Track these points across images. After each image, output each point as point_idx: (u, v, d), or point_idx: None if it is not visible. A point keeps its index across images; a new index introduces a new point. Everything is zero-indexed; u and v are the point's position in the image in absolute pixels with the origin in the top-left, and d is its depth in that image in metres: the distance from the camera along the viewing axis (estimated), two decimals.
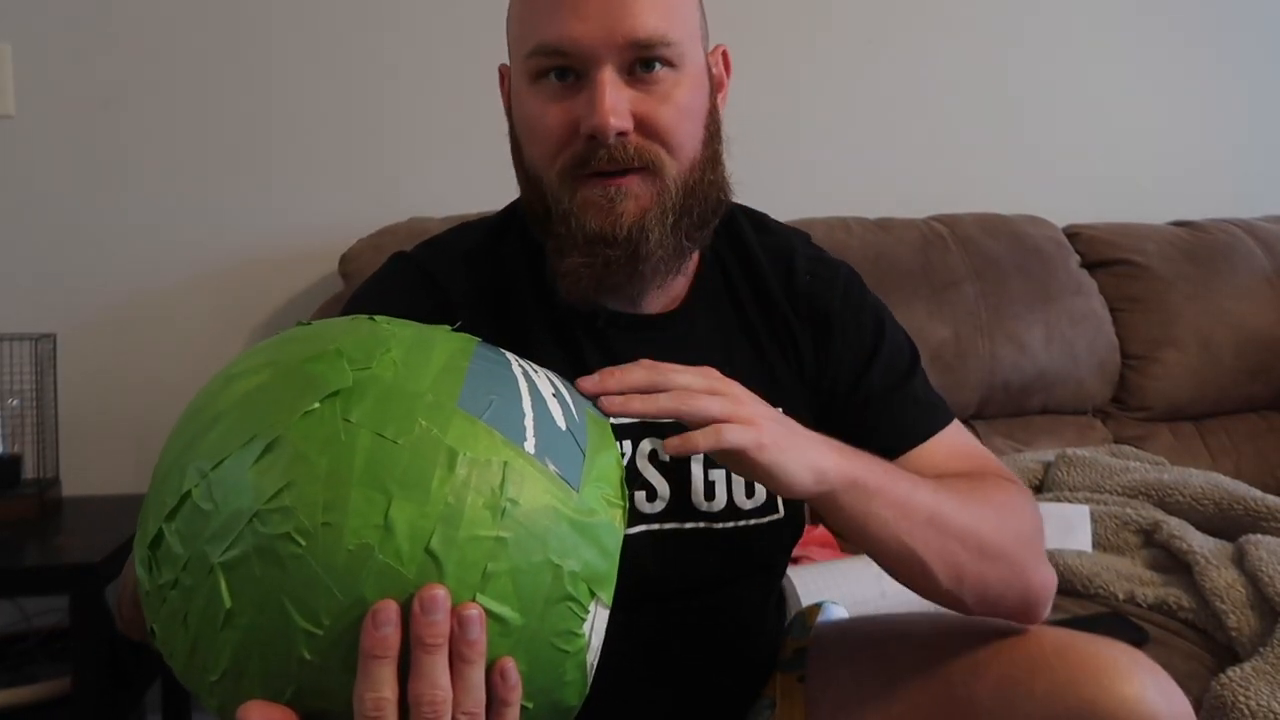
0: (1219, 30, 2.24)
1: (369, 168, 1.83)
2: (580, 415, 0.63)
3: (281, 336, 0.63)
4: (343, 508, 0.53)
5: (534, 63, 0.77)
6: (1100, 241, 1.97)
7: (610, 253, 0.76)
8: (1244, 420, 1.94)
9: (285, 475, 0.54)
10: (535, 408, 0.60)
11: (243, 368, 0.61)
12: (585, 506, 0.58)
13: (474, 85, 1.85)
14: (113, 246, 1.75)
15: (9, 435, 1.60)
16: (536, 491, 0.56)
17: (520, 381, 0.62)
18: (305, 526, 0.52)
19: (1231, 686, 1.08)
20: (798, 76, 1.99)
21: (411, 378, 0.58)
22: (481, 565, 0.54)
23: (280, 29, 1.79)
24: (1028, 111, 2.14)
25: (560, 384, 0.65)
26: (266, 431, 0.55)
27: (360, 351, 0.59)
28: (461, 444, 0.55)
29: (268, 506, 0.53)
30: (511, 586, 0.54)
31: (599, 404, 0.66)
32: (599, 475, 0.60)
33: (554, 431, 0.59)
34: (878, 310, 0.92)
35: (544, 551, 0.55)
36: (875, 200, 1.97)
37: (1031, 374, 1.82)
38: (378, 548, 0.52)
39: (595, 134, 0.74)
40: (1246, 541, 1.28)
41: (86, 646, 1.34)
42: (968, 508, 0.76)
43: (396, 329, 0.62)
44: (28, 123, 1.71)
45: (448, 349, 0.61)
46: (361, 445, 0.54)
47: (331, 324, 0.64)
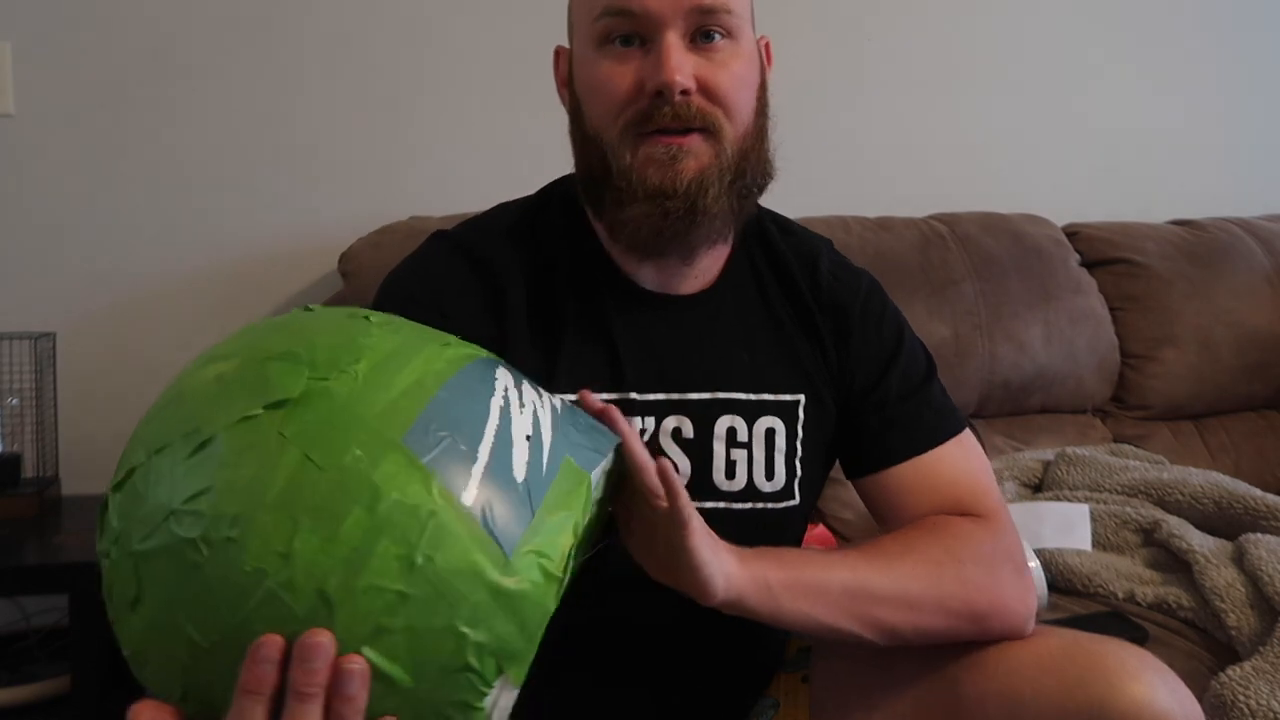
0: (1219, 29, 2.24)
1: (369, 167, 1.83)
2: (552, 465, 0.57)
3: (273, 322, 0.62)
4: (249, 526, 0.50)
5: (602, 25, 0.80)
6: (1100, 240, 1.97)
7: (670, 204, 0.79)
8: (1243, 419, 1.94)
9: (207, 478, 0.52)
10: (495, 453, 0.55)
11: (224, 350, 0.60)
12: (513, 575, 0.52)
13: (474, 85, 1.85)
14: (112, 246, 1.75)
15: (8, 434, 1.60)
16: (458, 551, 0.51)
17: (492, 419, 0.56)
18: (211, 536, 0.51)
19: (1231, 686, 1.08)
20: (797, 75, 1.98)
21: (365, 399, 0.54)
22: (375, 619, 0.50)
23: (280, 29, 1.79)
24: (1027, 110, 2.14)
25: (547, 420, 0.60)
26: (206, 427, 0.54)
27: (327, 358, 0.56)
28: (389, 484, 0.51)
29: (184, 507, 0.52)
30: (405, 646, 0.50)
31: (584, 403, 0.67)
32: (544, 542, 0.54)
33: (506, 484, 0.54)
34: (898, 319, 0.94)
35: (450, 616, 0.51)
36: (875, 199, 1.97)
37: (1031, 373, 1.82)
38: (271, 576, 0.50)
39: (662, 90, 0.78)
40: (1246, 540, 1.28)
41: (86, 645, 1.34)
42: (892, 570, 0.77)
43: (382, 338, 0.58)
44: (28, 122, 1.71)
45: (424, 369, 0.57)
46: (286, 464, 0.52)
47: (322, 317, 0.61)
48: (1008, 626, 0.79)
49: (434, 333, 0.63)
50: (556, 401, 0.64)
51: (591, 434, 0.63)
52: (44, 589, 1.48)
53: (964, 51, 2.10)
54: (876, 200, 1.96)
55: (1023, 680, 0.76)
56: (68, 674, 1.39)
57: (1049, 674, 0.75)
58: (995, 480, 0.91)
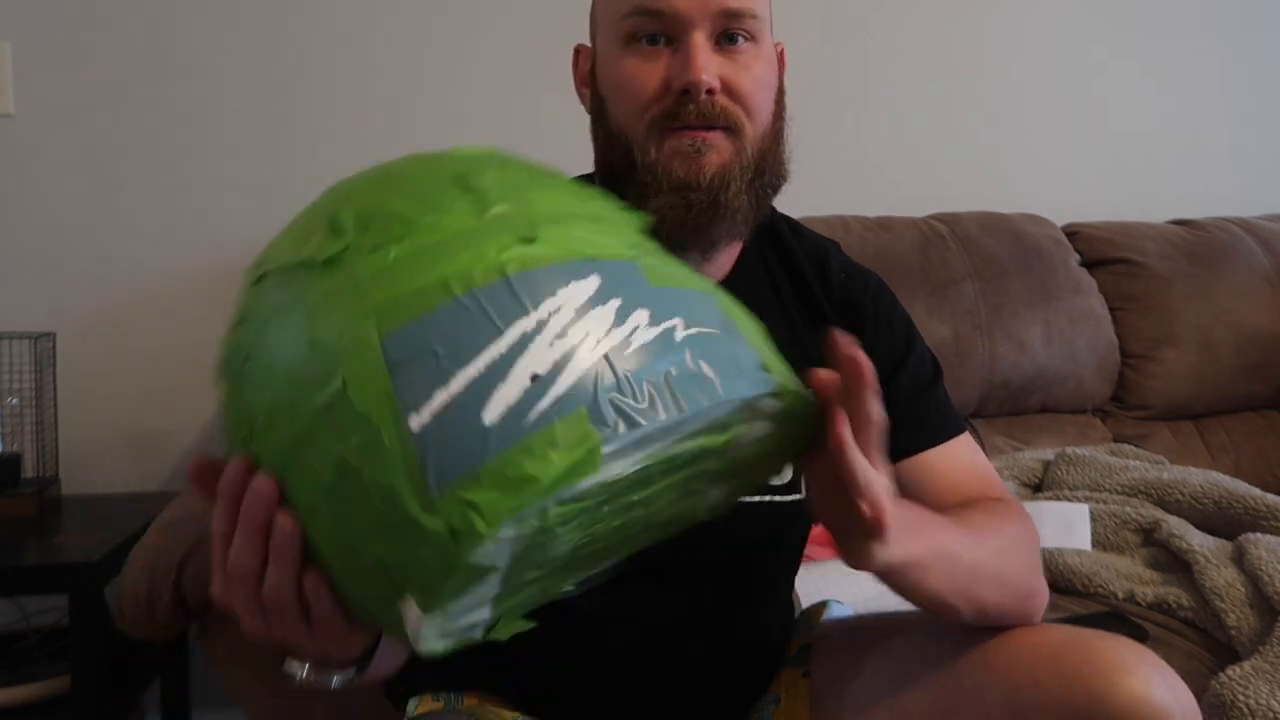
0: (1220, 28, 2.24)
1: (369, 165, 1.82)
2: (548, 415, 0.49)
3: (390, 168, 0.63)
4: (245, 368, 0.59)
5: (630, 23, 0.82)
6: (1100, 240, 1.97)
7: (694, 196, 0.81)
8: (1243, 419, 1.94)
9: (246, 310, 0.60)
10: (472, 385, 0.49)
11: (341, 184, 0.63)
12: (432, 513, 0.49)
13: (474, 85, 1.86)
14: (112, 246, 1.75)
15: (8, 434, 1.60)
16: (383, 468, 0.49)
17: (496, 345, 0.50)
18: (233, 368, 0.61)
19: (1231, 685, 1.08)
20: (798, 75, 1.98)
21: (379, 283, 0.52)
22: (308, 495, 0.53)
23: (280, 28, 1.79)
24: (1027, 110, 2.14)
25: (624, 356, 0.51)
26: (267, 262, 0.60)
27: (378, 226, 0.54)
28: (351, 381, 0.50)
29: (236, 322, 0.63)
30: (328, 532, 0.52)
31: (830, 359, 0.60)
32: (485, 494, 0.48)
33: (465, 420, 0.49)
34: (907, 320, 0.97)
35: (366, 523, 0.50)
36: (875, 199, 1.97)
37: (1031, 372, 1.82)
38: (253, 422, 0.56)
39: (689, 88, 0.80)
40: (1246, 540, 1.28)
41: (86, 645, 1.34)
42: (992, 546, 0.78)
43: (453, 219, 0.55)
44: (27, 122, 1.71)
45: (462, 269, 0.52)
46: (282, 324, 0.55)
47: (428, 175, 0.60)
48: (1037, 608, 0.81)
49: (595, 216, 0.58)
50: (703, 331, 0.55)
51: (733, 379, 0.53)
52: (44, 589, 1.48)
53: (965, 51, 2.10)
54: (877, 200, 1.96)
55: (1021, 674, 0.76)
56: (68, 674, 1.39)
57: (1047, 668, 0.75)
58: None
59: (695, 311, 0.55)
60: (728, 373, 0.53)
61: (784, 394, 0.57)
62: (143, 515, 1.47)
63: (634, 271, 0.55)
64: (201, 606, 1.08)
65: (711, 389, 0.52)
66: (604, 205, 0.63)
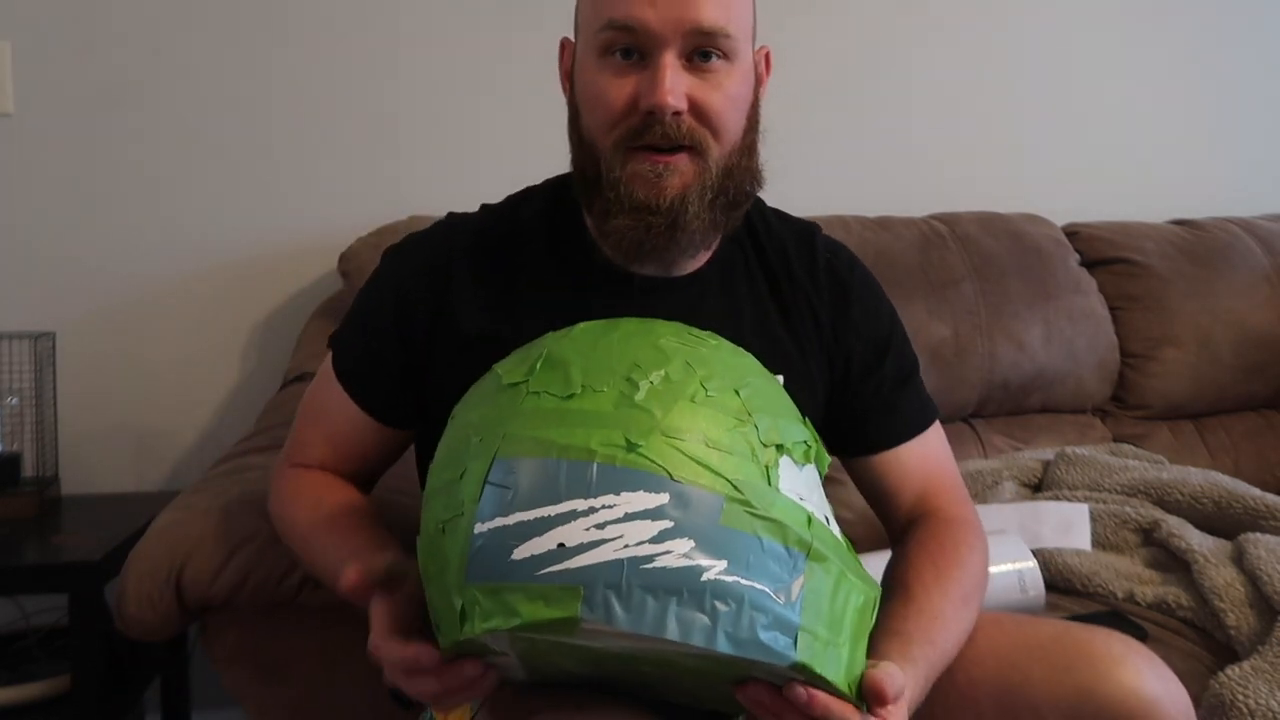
0: (1218, 28, 2.24)
1: (368, 167, 1.83)
2: (554, 577, 0.62)
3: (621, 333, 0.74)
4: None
5: (604, 37, 0.83)
6: (1099, 240, 1.97)
7: (653, 219, 0.83)
8: (1243, 419, 1.94)
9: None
10: (528, 526, 0.63)
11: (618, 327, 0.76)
12: (457, 598, 0.64)
13: (474, 84, 1.85)
14: (112, 245, 1.75)
15: (8, 434, 1.60)
16: (449, 548, 0.66)
17: (554, 507, 0.63)
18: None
19: (1230, 685, 1.08)
20: (797, 75, 1.98)
21: (529, 422, 0.67)
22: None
23: (280, 28, 1.79)
24: (1027, 110, 2.14)
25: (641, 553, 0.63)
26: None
27: (583, 378, 0.68)
28: (467, 479, 0.67)
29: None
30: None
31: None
32: (471, 605, 0.64)
33: (496, 545, 0.64)
34: (891, 309, 1.00)
35: (434, 576, 0.68)
36: (875, 199, 1.97)
37: (1031, 372, 1.82)
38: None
39: (654, 110, 0.81)
40: (1245, 540, 1.28)
41: (86, 645, 1.34)
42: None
43: (653, 409, 0.66)
44: (27, 121, 1.71)
45: (605, 449, 0.64)
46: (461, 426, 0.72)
47: (681, 364, 0.70)
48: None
49: (650, 428, 0.66)
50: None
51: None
52: (44, 588, 1.48)
53: (965, 51, 2.10)
54: (876, 200, 1.96)
55: (1013, 668, 0.77)
56: (68, 674, 1.39)
57: (1039, 661, 0.76)
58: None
59: (753, 561, 0.62)
60: (744, 627, 0.61)
61: (804, 672, 0.63)
62: (143, 515, 1.47)
63: (711, 505, 0.63)
64: (201, 606, 1.08)
65: (707, 631, 0.60)
66: (756, 435, 0.69)
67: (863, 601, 0.67)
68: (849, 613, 0.66)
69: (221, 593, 1.06)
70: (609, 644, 0.63)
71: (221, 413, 1.79)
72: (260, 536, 1.07)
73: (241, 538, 1.07)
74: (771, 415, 0.71)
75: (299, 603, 1.06)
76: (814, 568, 0.64)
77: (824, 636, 0.64)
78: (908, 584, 0.82)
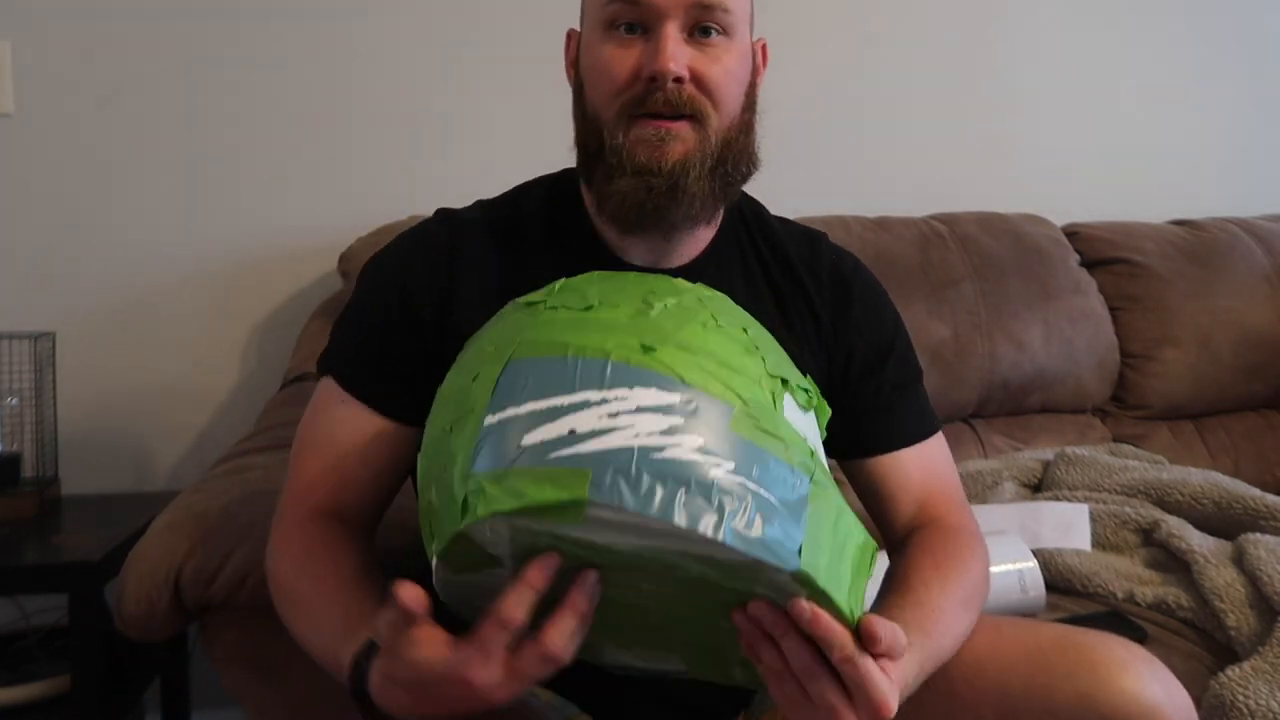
0: (1218, 28, 2.24)
1: (368, 167, 1.83)
2: (554, 460, 0.62)
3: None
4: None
5: (610, 11, 0.86)
6: (1099, 240, 1.97)
7: (654, 181, 0.85)
8: (1243, 419, 1.94)
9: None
10: (539, 414, 0.63)
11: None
12: (463, 486, 0.63)
13: (475, 84, 1.86)
14: (112, 245, 1.75)
15: (8, 434, 1.60)
16: (457, 434, 0.66)
17: (574, 396, 0.64)
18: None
19: (1230, 686, 1.08)
20: (797, 75, 1.98)
21: (546, 329, 0.70)
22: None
23: (280, 28, 1.79)
24: (1027, 110, 2.14)
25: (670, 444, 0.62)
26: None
27: (599, 296, 0.71)
28: (480, 375, 0.69)
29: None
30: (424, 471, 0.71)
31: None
32: (493, 489, 0.62)
33: (504, 423, 0.65)
34: (895, 314, 1.00)
35: (435, 468, 0.68)
36: (875, 199, 1.97)
37: (1031, 372, 1.82)
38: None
39: (656, 77, 0.84)
40: (1246, 540, 1.28)
41: (85, 645, 1.34)
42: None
43: (664, 326, 0.68)
44: (27, 121, 1.71)
45: (620, 350, 0.66)
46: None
47: (693, 300, 0.73)
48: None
49: (663, 338, 0.67)
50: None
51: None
52: (44, 588, 1.48)
53: (964, 51, 2.10)
54: (876, 200, 1.96)
55: (1015, 676, 0.77)
56: (68, 674, 1.39)
57: (1041, 669, 0.76)
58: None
59: (759, 470, 0.62)
60: (751, 525, 0.60)
61: (805, 582, 0.62)
62: (143, 515, 1.47)
63: (721, 411, 0.64)
64: (201, 606, 1.08)
65: (714, 523, 0.59)
66: (762, 366, 0.70)
67: (863, 541, 0.67)
68: (850, 546, 0.65)
69: (221, 592, 1.06)
70: (613, 540, 0.61)
71: (221, 413, 1.79)
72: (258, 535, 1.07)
73: (240, 537, 1.07)
74: (776, 354, 0.74)
75: None
76: (816, 494, 0.64)
77: (827, 557, 0.63)
78: (907, 579, 0.82)
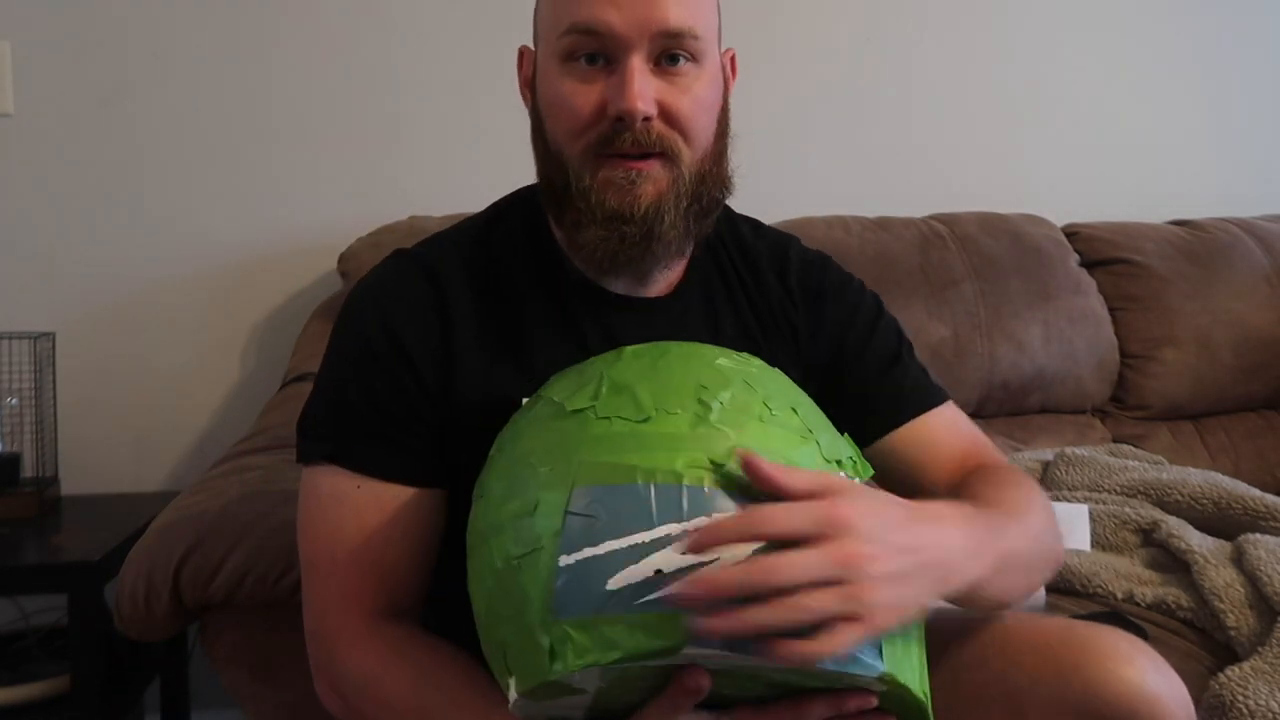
0: (1218, 28, 2.24)
1: (368, 167, 1.83)
2: (645, 604, 0.59)
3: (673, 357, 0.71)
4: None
5: (567, 41, 0.80)
6: (1099, 240, 1.97)
7: (627, 229, 0.80)
8: (1243, 419, 1.93)
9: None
10: (620, 554, 0.60)
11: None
12: (545, 633, 0.61)
13: (474, 84, 1.85)
14: (112, 245, 1.75)
15: (8, 434, 1.60)
16: (532, 577, 0.63)
17: (641, 534, 0.60)
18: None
19: (1230, 686, 1.08)
20: (797, 75, 1.98)
21: (605, 448, 0.64)
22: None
23: (280, 28, 1.79)
24: (1027, 111, 2.14)
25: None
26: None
27: (652, 400, 0.66)
28: (544, 504, 0.64)
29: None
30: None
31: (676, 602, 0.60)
32: (572, 639, 0.60)
33: (590, 572, 0.61)
34: (876, 297, 0.98)
35: (509, 613, 0.64)
36: (874, 199, 1.97)
37: (1030, 373, 1.82)
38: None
39: (623, 117, 0.78)
40: (1245, 541, 1.28)
41: (85, 645, 1.34)
42: (1033, 528, 0.79)
43: (727, 429, 0.65)
44: (27, 121, 1.71)
45: (692, 469, 0.62)
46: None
47: (743, 384, 0.69)
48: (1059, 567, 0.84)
49: (730, 446, 0.64)
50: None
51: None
52: (44, 588, 1.48)
53: (963, 51, 2.10)
54: (876, 200, 1.96)
55: (1019, 670, 0.77)
56: (67, 674, 1.39)
57: (1046, 662, 0.76)
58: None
59: None
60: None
61: (888, 682, 0.62)
62: (142, 515, 1.47)
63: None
64: (200, 606, 1.08)
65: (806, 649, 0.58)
66: (818, 451, 0.68)
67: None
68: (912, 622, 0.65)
69: (220, 592, 1.06)
70: (704, 664, 0.61)
71: (221, 413, 1.80)
72: (258, 535, 1.07)
73: (240, 537, 1.07)
74: (827, 433, 0.71)
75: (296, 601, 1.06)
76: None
77: (902, 643, 0.63)
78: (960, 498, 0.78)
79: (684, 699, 0.62)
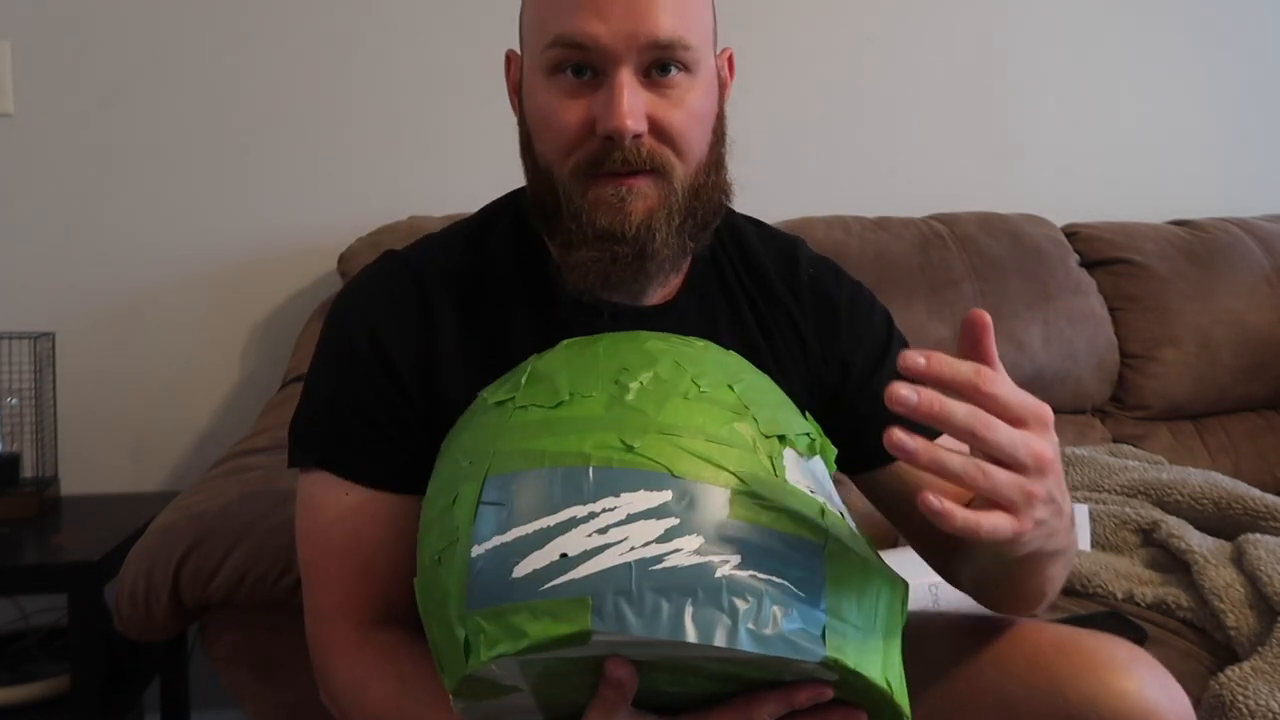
0: (1218, 28, 2.24)
1: (368, 167, 1.83)
2: (568, 589, 0.58)
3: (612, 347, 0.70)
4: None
5: (552, 54, 0.77)
6: (1099, 240, 1.97)
7: (619, 249, 0.77)
8: (1242, 419, 1.93)
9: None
10: (526, 540, 0.59)
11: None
12: (460, 627, 0.60)
13: (473, 84, 1.85)
14: (112, 245, 1.75)
15: (8, 434, 1.60)
16: (450, 572, 0.62)
17: (551, 517, 0.59)
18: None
19: (1230, 686, 1.08)
20: (797, 75, 1.98)
21: (517, 435, 0.64)
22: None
23: (279, 28, 1.79)
24: (1027, 110, 2.14)
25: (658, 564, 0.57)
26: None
27: (569, 386, 0.66)
28: (461, 497, 0.64)
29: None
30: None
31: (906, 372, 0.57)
32: (491, 627, 0.59)
33: (501, 565, 0.60)
34: (886, 313, 0.94)
35: (434, 606, 0.64)
36: (874, 199, 1.97)
37: (1030, 373, 1.82)
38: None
39: (612, 135, 0.75)
40: (1245, 541, 1.28)
41: (85, 645, 1.34)
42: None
43: (645, 409, 0.64)
44: (27, 122, 1.71)
45: (600, 451, 0.61)
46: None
47: (671, 364, 0.67)
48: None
49: (644, 426, 0.63)
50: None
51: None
52: (43, 588, 1.48)
53: (964, 51, 2.10)
54: (876, 200, 1.96)
55: (1015, 680, 0.76)
56: (67, 674, 1.39)
57: (1042, 672, 0.75)
58: None
59: (767, 556, 0.58)
60: (767, 623, 0.56)
61: (836, 668, 0.59)
62: (142, 515, 1.47)
63: (718, 499, 0.60)
64: (200, 606, 1.08)
65: (729, 631, 0.56)
66: (755, 428, 0.65)
67: (891, 595, 0.63)
68: (879, 607, 0.61)
69: (220, 592, 1.06)
70: (627, 653, 0.59)
71: (221, 413, 1.80)
72: (258, 535, 1.07)
73: (239, 537, 1.07)
74: (770, 408, 0.67)
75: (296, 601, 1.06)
76: (834, 558, 0.60)
77: (855, 630, 0.59)
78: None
79: (611, 693, 0.60)
